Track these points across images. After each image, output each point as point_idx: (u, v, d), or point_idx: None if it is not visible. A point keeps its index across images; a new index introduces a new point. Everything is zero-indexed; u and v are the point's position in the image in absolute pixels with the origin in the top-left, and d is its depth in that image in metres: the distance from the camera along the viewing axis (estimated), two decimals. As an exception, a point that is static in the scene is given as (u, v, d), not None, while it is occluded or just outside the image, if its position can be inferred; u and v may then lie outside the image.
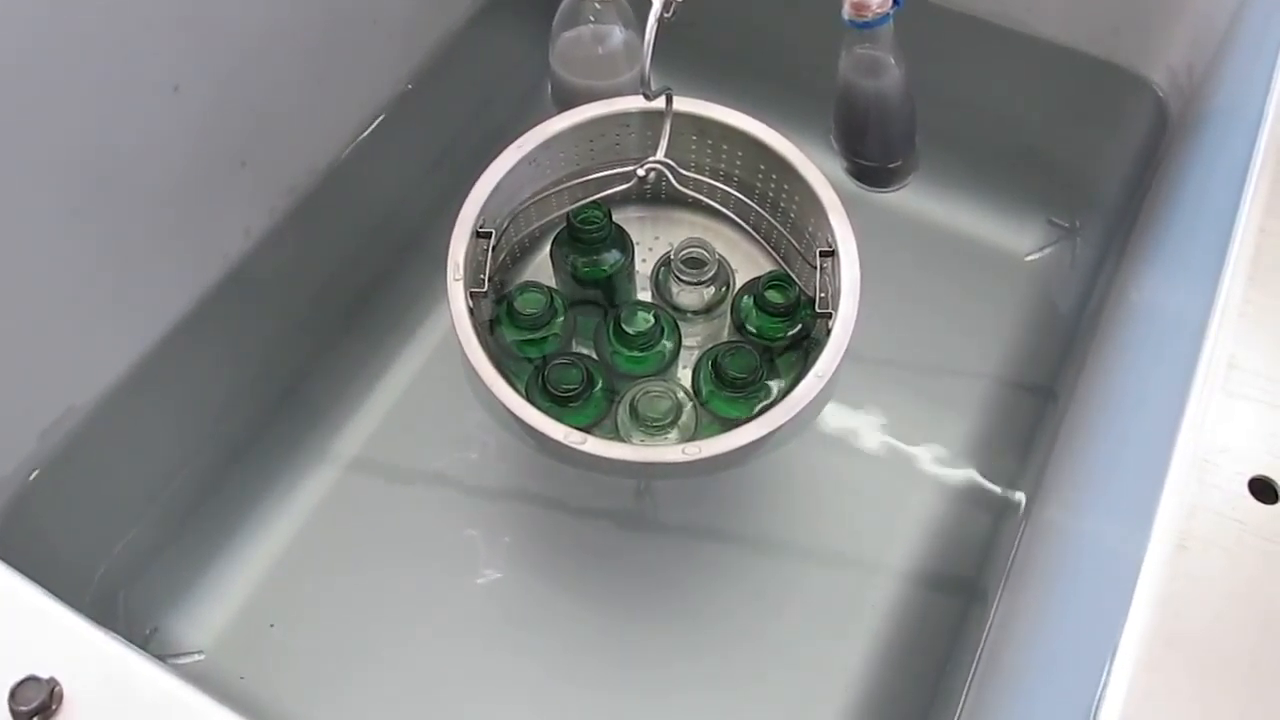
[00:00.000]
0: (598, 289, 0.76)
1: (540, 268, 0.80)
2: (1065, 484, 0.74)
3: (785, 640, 0.79)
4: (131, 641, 0.73)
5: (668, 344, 0.72)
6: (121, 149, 0.73)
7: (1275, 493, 0.49)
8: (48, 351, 0.74)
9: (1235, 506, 0.48)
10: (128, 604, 0.79)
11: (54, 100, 0.67)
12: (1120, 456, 0.62)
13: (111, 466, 0.80)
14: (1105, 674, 0.44)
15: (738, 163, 0.77)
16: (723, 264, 0.75)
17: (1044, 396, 0.88)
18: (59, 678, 0.45)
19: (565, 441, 0.62)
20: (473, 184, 0.71)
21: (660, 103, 0.72)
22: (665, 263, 0.75)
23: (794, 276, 0.73)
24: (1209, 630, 0.44)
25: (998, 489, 0.84)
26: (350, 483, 0.86)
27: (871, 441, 0.86)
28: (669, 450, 0.62)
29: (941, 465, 0.85)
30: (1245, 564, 0.46)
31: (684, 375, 0.76)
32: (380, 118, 0.97)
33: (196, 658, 0.78)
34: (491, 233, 0.71)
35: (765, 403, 0.69)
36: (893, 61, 0.78)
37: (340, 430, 0.88)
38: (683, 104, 0.73)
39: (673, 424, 0.69)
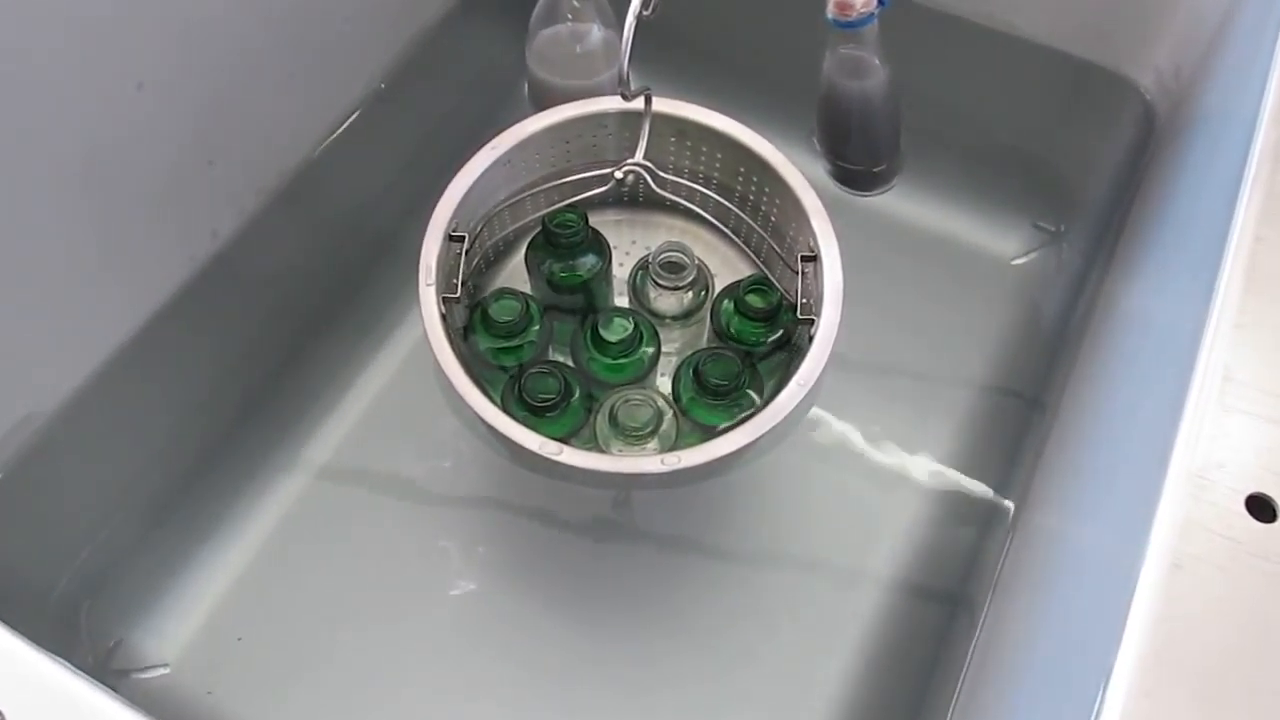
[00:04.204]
0: (574, 295, 0.75)
1: (515, 273, 0.79)
2: (1054, 497, 0.73)
3: (766, 653, 0.79)
4: (95, 655, 0.75)
5: (647, 350, 0.71)
6: (82, 149, 0.71)
7: (1273, 510, 0.48)
8: (4, 359, 0.73)
9: (1232, 525, 0.47)
10: (90, 617, 0.78)
11: (2, 97, 0.65)
12: (1112, 471, 0.61)
13: (73, 476, 0.79)
14: (1100, 698, 0.43)
15: (717, 165, 0.76)
16: (702, 268, 0.74)
17: (1031, 405, 0.87)
18: (2, 708, 0.44)
19: (540, 452, 0.61)
20: (446, 186, 0.70)
21: (639, 103, 0.71)
22: (643, 267, 0.75)
23: (775, 281, 0.72)
24: (1206, 653, 0.44)
25: (983, 500, 0.83)
26: (320, 491, 0.84)
27: (855, 449, 0.86)
28: (647, 461, 0.61)
29: (926, 474, 0.85)
30: (1243, 584, 0.46)
31: (663, 383, 0.75)
32: (352, 117, 0.96)
33: (161, 672, 0.77)
34: (465, 236, 0.70)
35: (747, 411, 0.68)
36: (877, 62, 0.78)
37: (310, 438, 0.86)
38: (662, 104, 0.72)
39: (653, 433, 0.69)
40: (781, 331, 0.71)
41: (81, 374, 0.79)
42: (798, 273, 0.70)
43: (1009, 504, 0.82)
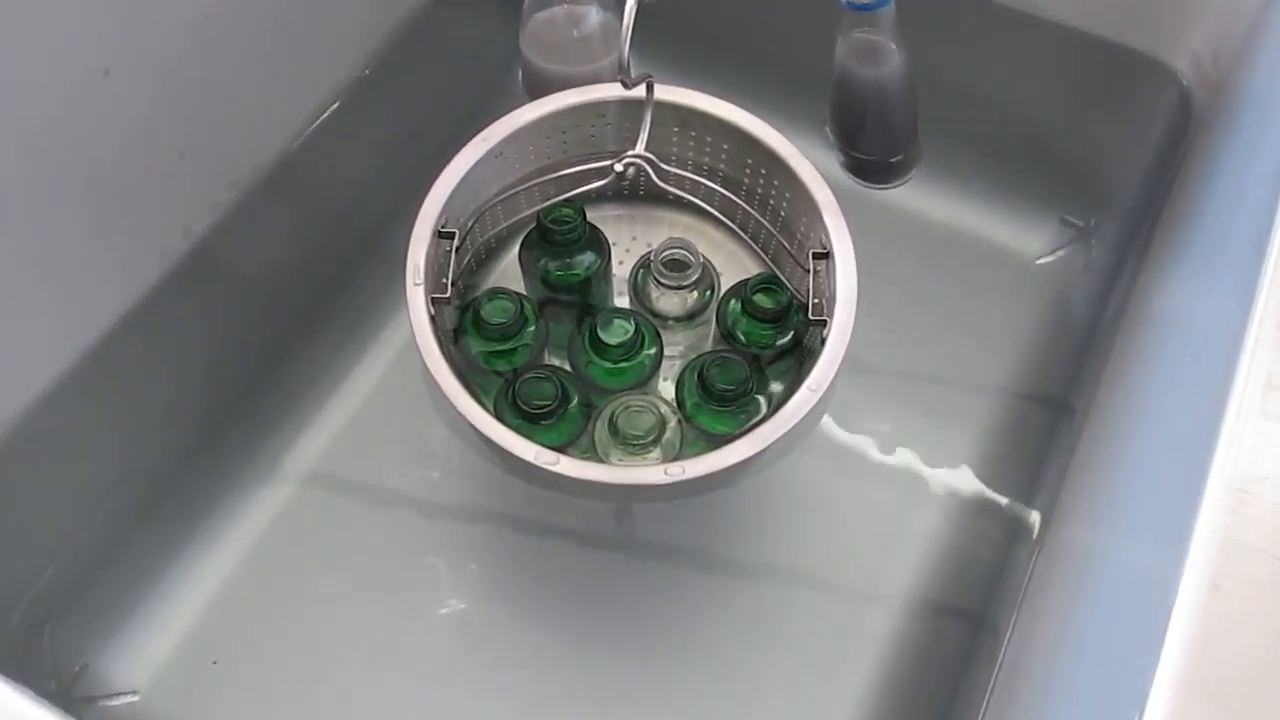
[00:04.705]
0: (572, 295, 0.73)
1: (508, 271, 0.78)
2: (1083, 511, 0.72)
3: (776, 674, 0.77)
4: (59, 681, 0.73)
5: (648, 354, 0.70)
6: (44, 139, 0.69)
7: (1320, 527, 0.47)
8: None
9: (1275, 542, 0.46)
10: (54, 640, 0.76)
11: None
12: (1146, 484, 0.60)
13: (37, 488, 0.77)
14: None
15: (723, 157, 0.74)
16: (707, 266, 0.72)
17: (1058, 411, 0.86)
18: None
19: (536, 462, 0.59)
20: (434, 179, 0.68)
21: (640, 91, 0.69)
22: (644, 265, 0.73)
23: (785, 280, 0.71)
24: (1247, 679, 0.43)
25: (1007, 513, 0.82)
26: (302, 504, 0.83)
27: (870, 459, 0.84)
28: (649, 471, 0.60)
29: (946, 485, 0.83)
30: (1286, 605, 0.44)
31: (665, 388, 0.74)
32: (334, 105, 0.95)
33: (130, 699, 0.75)
34: (455, 233, 0.68)
35: (755, 418, 0.67)
36: (894, 47, 0.77)
37: (290, 447, 0.84)
38: (664, 92, 0.71)
39: (655, 441, 0.67)
40: (792, 333, 0.70)
41: (45, 380, 0.77)
42: (809, 271, 0.68)
43: (1034, 518, 0.81)
